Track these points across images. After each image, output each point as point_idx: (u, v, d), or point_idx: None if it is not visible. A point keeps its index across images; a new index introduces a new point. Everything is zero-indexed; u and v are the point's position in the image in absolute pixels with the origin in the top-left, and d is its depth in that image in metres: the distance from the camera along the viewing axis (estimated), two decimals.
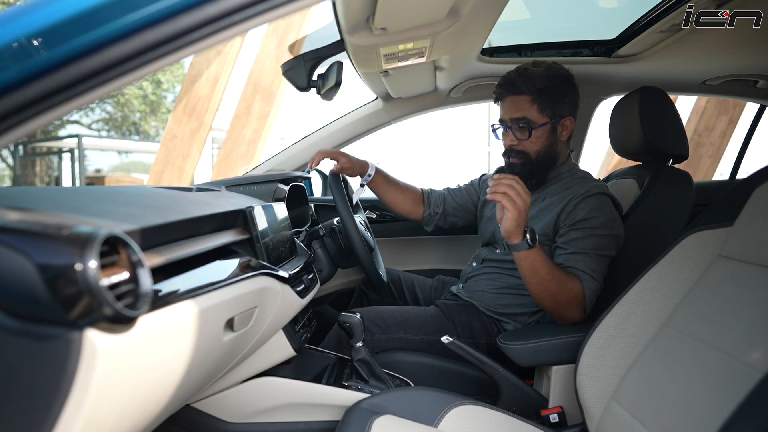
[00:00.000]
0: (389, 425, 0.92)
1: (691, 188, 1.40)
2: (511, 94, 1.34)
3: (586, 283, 1.21)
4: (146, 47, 0.48)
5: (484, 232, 1.53)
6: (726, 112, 5.64)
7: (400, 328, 1.35)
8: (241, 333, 0.83)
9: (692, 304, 0.92)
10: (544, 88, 1.31)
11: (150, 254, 0.63)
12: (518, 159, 1.36)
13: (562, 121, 1.35)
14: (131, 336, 0.52)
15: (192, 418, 1.09)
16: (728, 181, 2.49)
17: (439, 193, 1.65)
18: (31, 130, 0.49)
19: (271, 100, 5.27)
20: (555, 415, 1.16)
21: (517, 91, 1.33)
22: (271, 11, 0.51)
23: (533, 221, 1.34)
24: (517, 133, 1.34)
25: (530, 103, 1.32)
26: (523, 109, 1.32)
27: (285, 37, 5.10)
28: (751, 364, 0.73)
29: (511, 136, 1.36)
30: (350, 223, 1.34)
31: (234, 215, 0.96)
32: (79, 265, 0.45)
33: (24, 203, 0.58)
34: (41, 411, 0.47)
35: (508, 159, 1.39)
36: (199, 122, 5.37)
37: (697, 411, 0.78)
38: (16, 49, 0.46)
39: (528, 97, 1.32)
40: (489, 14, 1.15)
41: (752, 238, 0.88)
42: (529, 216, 1.32)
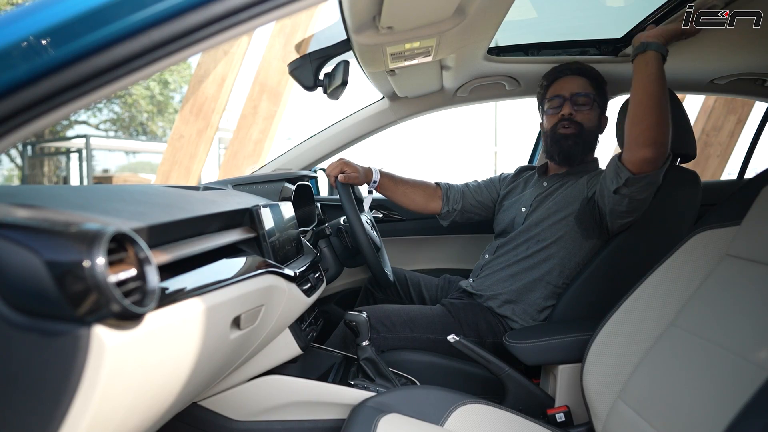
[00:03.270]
0: (395, 424, 0.92)
1: (699, 188, 1.39)
2: (573, 73, 1.47)
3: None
4: (153, 45, 0.48)
5: (502, 221, 1.56)
6: (734, 112, 5.60)
7: (406, 326, 1.35)
8: (247, 331, 0.83)
9: (699, 303, 0.92)
10: (600, 81, 1.49)
11: (157, 252, 0.64)
12: (572, 129, 1.44)
13: (604, 115, 1.50)
14: (139, 333, 0.52)
15: (199, 415, 1.10)
16: (736, 180, 2.46)
17: (458, 189, 1.67)
18: (40, 128, 0.50)
19: (277, 100, 5.29)
20: (561, 415, 1.15)
21: (580, 73, 1.47)
22: (276, 10, 0.51)
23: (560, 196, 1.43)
24: (577, 106, 1.45)
25: (590, 86, 1.46)
26: (585, 87, 1.45)
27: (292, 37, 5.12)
28: (759, 363, 0.73)
29: (569, 107, 1.45)
30: (357, 222, 1.34)
31: (241, 214, 0.97)
32: (88, 262, 0.45)
33: (32, 201, 0.58)
34: (50, 406, 0.48)
35: (561, 129, 1.45)
36: (206, 122, 5.39)
37: (703, 410, 0.78)
38: (25, 47, 0.47)
39: (588, 81, 1.46)
40: (495, 13, 1.15)
41: (760, 237, 0.87)
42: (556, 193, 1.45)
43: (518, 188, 1.61)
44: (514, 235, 1.46)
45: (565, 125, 1.44)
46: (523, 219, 1.47)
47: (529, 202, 1.49)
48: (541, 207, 1.45)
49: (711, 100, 5.55)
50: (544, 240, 1.40)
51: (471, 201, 1.65)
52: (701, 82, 1.81)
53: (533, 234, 1.42)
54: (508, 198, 1.60)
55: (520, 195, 1.56)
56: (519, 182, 1.63)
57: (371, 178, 1.55)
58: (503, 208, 1.59)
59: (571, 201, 1.40)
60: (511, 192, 1.61)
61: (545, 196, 1.47)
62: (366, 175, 1.53)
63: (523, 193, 1.56)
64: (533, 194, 1.50)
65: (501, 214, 1.59)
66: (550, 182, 1.50)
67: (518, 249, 1.44)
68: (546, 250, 1.39)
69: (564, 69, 1.49)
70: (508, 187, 1.63)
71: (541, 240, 1.40)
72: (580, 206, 1.38)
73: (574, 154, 1.45)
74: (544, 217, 1.42)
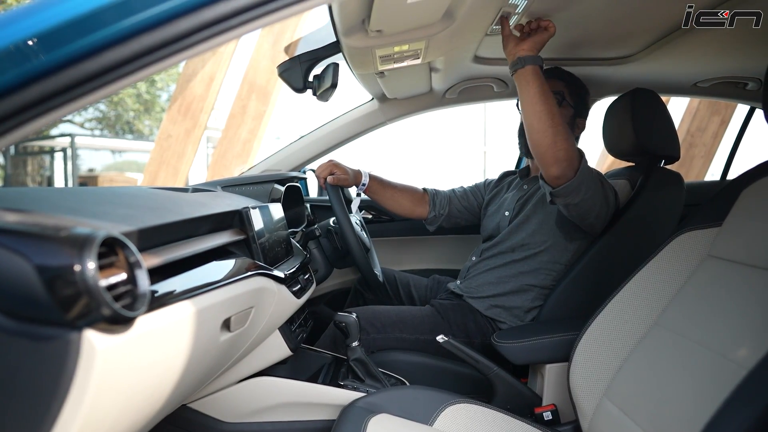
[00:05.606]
0: (385, 424, 0.93)
1: (682, 189, 1.42)
2: (548, 76, 1.43)
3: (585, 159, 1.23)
4: (144, 51, 0.49)
5: (487, 227, 1.57)
6: (718, 113, 5.69)
7: (396, 327, 1.36)
8: (237, 333, 0.84)
9: (682, 303, 0.94)
10: (574, 81, 1.49)
11: (147, 255, 0.64)
12: None
13: (579, 119, 1.49)
14: (129, 336, 0.52)
15: (189, 417, 1.09)
16: (718, 181, 2.51)
17: (445, 195, 1.68)
18: (29, 132, 0.50)
19: (266, 100, 5.27)
20: (548, 413, 1.17)
21: (554, 75, 1.48)
22: (266, 16, 0.51)
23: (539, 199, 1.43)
24: None
25: (563, 86, 1.46)
26: (555, 87, 1.42)
27: (281, 36, 5.10)
28: (737, 361, 0.75)
29: None
30: (346, 223, 1.34)
31: (230, 216, 0.97)
32: (78, 266, 0.45)
33: (22, 204, 0.58)
34: (40, 411, 0.48)
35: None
36: (194, 122, 5.36)
37: (685, 407, 0.80)
38: (15, 52, 0.47)
39: (563, 83, 1.47)
40: (484, 17, 1.16)
41: (739, 239, 0.90)
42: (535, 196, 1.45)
43: (501, 192, 1.62)
44: (499, 239, 1.48)
45: None
46: (507, 222, 1.48)
47: (512, 206, 1.50)
48: (523, 210, 1.46)
49: (696, 101, 5.64)
50: (529, 245, 1.41)
51: (457, 206, 1.67)
52: (685, 85, 1.85)
53: (518, 239, 1.43)
54: (493, 203, 1.62)
55: (503, 199, 1.58)
56: (502, 186, 1.64)
57: (360, 181, 1.55)
58: (488, 213, 1.61)
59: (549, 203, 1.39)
60: (495, 197, 1.63)
61: (526, 199, 1.48)
62: (355, 177, 1.54)
63: (506, 197, 1.57)
64: (515, 198, 1.52)
65: (486, 219, 1.60)
66: (530, 185, 1.51)
67: (505, 254, 1.45)
68: (532, 255, 1.40)
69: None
70: (492, 192, 1.65)
71: (525, 245, 1.41)
72: (558, 209, 1.38)
73: None
74: (526, 220, 1.43)
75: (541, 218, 1.41)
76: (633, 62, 1.57)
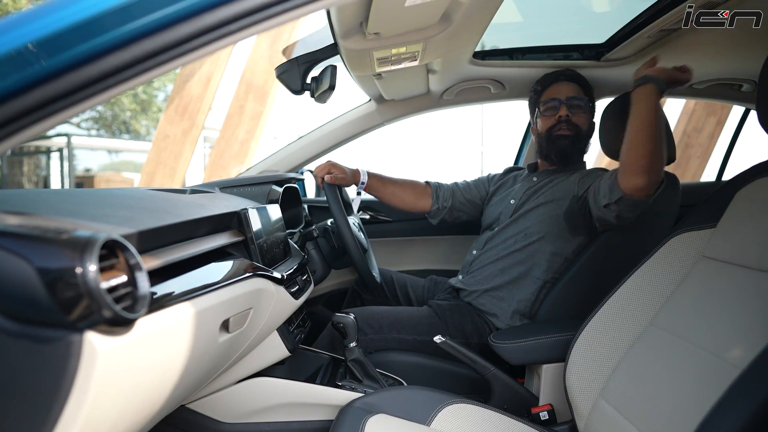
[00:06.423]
0: (383, 424, 0.94)
1: (678, 190, 1.43)
2: (568, 80, 1.53)
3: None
4: (145, 56, 0.49)
5: (490, 214, 1.59)
6: (714, 114, 5.72)
7: (393, 328, 1.37)
8: (236, 334, 0.84)
9: (677, 303, 0.95)
10: (589, 88, 1.55)
11: (147, 257, 0.64)
12: (569, 130, 1.49)
13: (593, 120, 1.55)
14: (129, 338, 0.52)
15: (187, 418, 1.10)
16: (714, 182, 2.52)
17: (447, 188, 1.69)
18: (29, 137, 0.50)
19: (264, 100, 5.26)
20: (545, 413, 1.18)
21: (573, 79, 1.53)
22: (267, 20, 0.52)
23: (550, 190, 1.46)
24: (573, 109, 1.50)
25: (582, 92, 1.52)
26: (579, 93, 1.51)
27: (278, 36, 5.10)
28: (731, 361, 0.76)
29: (566, 110, 1.50)
30: (344, 223, 1.35)
31: (229, 217, 0.97)
32: (79, 269, 0.46)
33: (22, 207, 0.59)
34: (41, 412, 0.48)
35: (559, 131, 1.50)
36: (192, 122, 5.35)
37: (680, 406, 0.81)
38: (17, 57, 0.47)
39: (581, 87, 1.53)
40: (481, 19, 1.17)
41: (734, 240, 0.91)
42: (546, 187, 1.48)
43: (507, 184, 1.64)
44: (502, 227, 1.49)
45: (562, 127, 1.48)
46: (511, 211, 1.50)
47: (518, 195, 1.52)
48: (530, 200, 1.48)
49: (692, 102, 5.67)
50: (532, 234, 1.42)
51: (460, 199, 1.67)
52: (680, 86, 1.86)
53: (522, 228, 1.44)
54: (497, 194, 1.63)
55: (509, 189, 1.60)
56: (508, 179, 1.66)
57: (359, 180, 1.56)
58: (492, 203, 1.62)
59: (560, 196, 1.43)
60: (500, 188, 1.64)
61: (535, 189, 1.50)
62: (353, 177, 1.54)
63: (513, 188, 1.59)
64: (523, 188, 1.54)
65: (489, 207, 1.62)
66: (541, 177, 1.54)
67: (507, 242, 1.46)
68: (534, 244, 1.42)
69: (558, 75, 1.54)
70: (497, 184, 1.66)
71: (529, 234, 1.43)
72: (569, 203, 1.41)
73: (570, 153, 1.50)
74: (533, 209, 1.45)
75: (548, 209, 1.43)
76: (629, 64, 1.58)
